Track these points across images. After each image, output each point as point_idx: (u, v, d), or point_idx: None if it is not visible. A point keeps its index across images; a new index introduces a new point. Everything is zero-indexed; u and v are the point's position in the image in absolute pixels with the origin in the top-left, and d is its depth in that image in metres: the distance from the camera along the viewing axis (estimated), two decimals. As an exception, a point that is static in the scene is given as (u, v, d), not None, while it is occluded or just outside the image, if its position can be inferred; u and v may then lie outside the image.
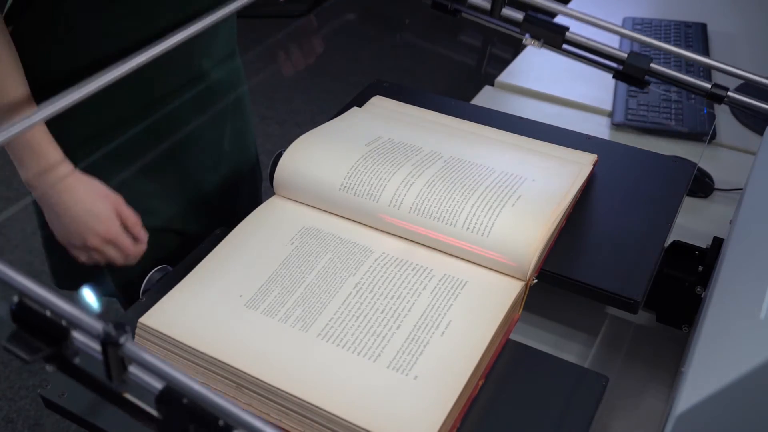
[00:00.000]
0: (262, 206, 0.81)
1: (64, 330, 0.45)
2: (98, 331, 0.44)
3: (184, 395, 0.42)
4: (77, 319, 0.45)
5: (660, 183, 0.85)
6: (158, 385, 0.43)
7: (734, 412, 0.47)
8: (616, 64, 0.90)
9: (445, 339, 0.65)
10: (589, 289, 0.73)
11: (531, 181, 0.80)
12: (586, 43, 0.91)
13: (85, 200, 0.80)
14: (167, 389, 0.42)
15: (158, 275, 0.76)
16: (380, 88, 1.01)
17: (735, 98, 0.85)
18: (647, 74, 0.88)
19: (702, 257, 0.79)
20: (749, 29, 1.50)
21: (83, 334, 0.45)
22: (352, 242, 0.75)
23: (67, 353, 0.45)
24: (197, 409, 0.41)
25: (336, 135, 0.87)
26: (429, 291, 0.69)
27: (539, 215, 0.74)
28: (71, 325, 0.45)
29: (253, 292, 0.69)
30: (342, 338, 0.65)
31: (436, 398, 0.60)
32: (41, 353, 0.44)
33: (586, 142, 0.91)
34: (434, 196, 0.76)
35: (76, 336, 0.45)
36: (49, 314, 0.45)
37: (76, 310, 0.45)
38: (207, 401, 0.42)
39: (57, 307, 0.45)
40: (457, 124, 0.92)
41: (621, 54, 0.89)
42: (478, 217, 0.74)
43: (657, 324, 0.82)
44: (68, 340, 0.45)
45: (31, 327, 0.45)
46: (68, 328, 0.45)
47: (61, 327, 0.45)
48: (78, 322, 0.45)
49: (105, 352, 0.44)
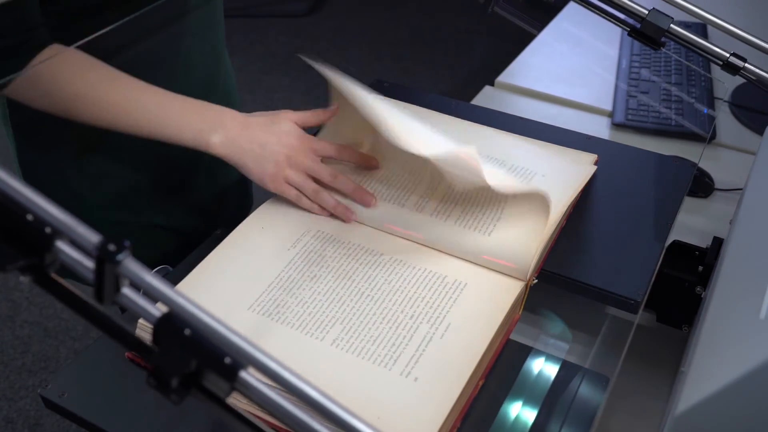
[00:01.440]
0: (263, 206, 0.81)
1: (48, 238, 0.37)
2: (93, 243, 0.37)
3: (186, 325, 0.36)
4: (67, 227, 0.38)
5: (660, 183, 0.85)
6: (156, 312, 0.37)
7: (734, 412, 0.47)
8: (635, 21, 0.84)
9: (445, 339, 0.65)
10: (589, 289, 0.73)
11: (541, 177, 0.80)
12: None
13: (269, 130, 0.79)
14: (167, 316, 0.37)
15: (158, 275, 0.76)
16: (380, 88, 1.01)
17: (751, 70, 0.82)
18: (665, 35, 0.83)
19: (702, 257, 0.79)
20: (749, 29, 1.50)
21: (71, 246, 0.38)
22: (353, 243, 0.75)
23: (49, 265, 0.38)
24: (201, 342, 0.35)
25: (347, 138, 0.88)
26: (429, 292, 0.69)
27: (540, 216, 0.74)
28: (57, 233, 0.38)
29: (251, 292, 0.69)
30: (342, 339, 0.65)
31: (436, 398, 0.60)
32: (17, 263, 0.37)
33: (586, 142, 0.91)
34: (459, 205, 0.77)
35: (61, 247, 0.38)
36: (30, 218, 0.38)
37: (66, 217, 0.38)
38: (213, 333, 0.36)
39: (42, 210, 0.38)
40: (458, 124, 0.92)
41: (642, 10, 0.83)
42: (482, 218, 0.75)
43: (657, 324, 0.82)
44: (52, 251, 0.38)
45: (9, 232, 0.37)
46: (52, 236, 0.38)
47: (44, 234, 0.37)
48: (68, 231, 0.38)
49: (99, 268, 0.37)
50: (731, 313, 0.54)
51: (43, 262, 0.38)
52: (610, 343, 0.81)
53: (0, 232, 0.37)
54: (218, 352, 0.35)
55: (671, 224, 0.79)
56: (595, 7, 0.85)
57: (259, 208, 0.80)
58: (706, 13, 0.85)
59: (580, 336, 0.82)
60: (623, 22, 0.85)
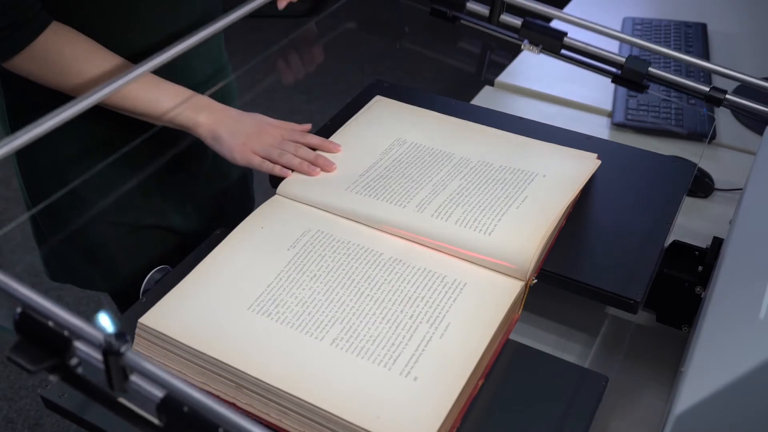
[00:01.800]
0: (262, 206, 0.81)
1: (67, 340, 0.46)
2: (99, 340, 0.44)
3: (184, 403, 0.43)
4: (78, 329, 0.45)
5: (660, 183, 0.85)
6: (159, 394, 0.44)
7: (734, 412, 0.47)
8: (615, 68, 0.90)
9: (445, 339, 0.65)
10: (589, 289, 0.73)
11: (542, 177, 0.81)
12: (585, 47, 0.91)
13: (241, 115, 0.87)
14: (168, 397, 0.43)
15: (158, 275, 0.76)
16: (380, 88, 1.01)
17: (733, 101, 0.85)
18: (646, 78, 0.88)
19: (702, 257, 0.79)
20: (749, 29, 1.50)
21: (85, 344, 0.46)
22: (353, 243, 0.75)
23: (70, 363, 0.46)
24: (198, 417, 0.42)
25: (349, 141, 0.89)
26: (429, 291, 0.69)
27: (540, 217, 0.75)
28: (73, 335, 0.46)
29: (251, 292, 0.69)
30: (341, 338, 0.65)
31: (436, 398, 0.60)
32: (44, 364, 0.45)
33: (586, 142, 0.91)
34: (460, 206, 0.78)
35: (78, 346, 0.46)
36: (51, 325, 0.46)
37: (77, 320, 0.46)
38: (207, 409, 0.43)
39: (59, 317, 0.46)
40: (458, 124, 0.92)
41: (619, 58, 0.89)
42: (483, 219, 0.75)
43: (657, 324, 0.82)
44: (70, 350, 0.46)
45: (34, 337, 0.46)
46: (70, 338, 0.46)
47: (63, 337, 0.46)
48: (79, 332, 0.46)
49: (106, 361, 0.44)
50: (731, 313, 0.54)
51: (65, 361, 0.45)
52: (610, 343, 0.82)
53: (27, 337, 0.46)
54: (212, 424, 0.42)
55: (671, 224, 0.79)
56: (578, 61, 0.91)
57: (259, 208, 0.80)
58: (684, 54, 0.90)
59: (580, 336, 0.82)
60: (606, 70, 0.90)
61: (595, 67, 0.91)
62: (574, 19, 0.91)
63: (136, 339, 0.67)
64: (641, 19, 1.49)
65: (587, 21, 0.90)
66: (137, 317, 0.66)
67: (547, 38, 0.91)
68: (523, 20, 0.93)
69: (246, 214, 0.79)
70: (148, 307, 0.68)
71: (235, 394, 0.62)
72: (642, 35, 1.43)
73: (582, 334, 0.82)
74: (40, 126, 0.64)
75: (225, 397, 0.63)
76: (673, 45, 1.39)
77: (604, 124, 1.22)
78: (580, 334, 0.82)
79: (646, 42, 0.91)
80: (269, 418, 0.61)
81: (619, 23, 1.49)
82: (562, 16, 0.92)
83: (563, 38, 0.91)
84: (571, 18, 0.91)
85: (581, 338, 0.82)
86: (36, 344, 0.45)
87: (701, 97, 0.87)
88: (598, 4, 1.57)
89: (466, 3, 0.96)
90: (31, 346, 0.45)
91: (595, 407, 0.63)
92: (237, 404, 0.62)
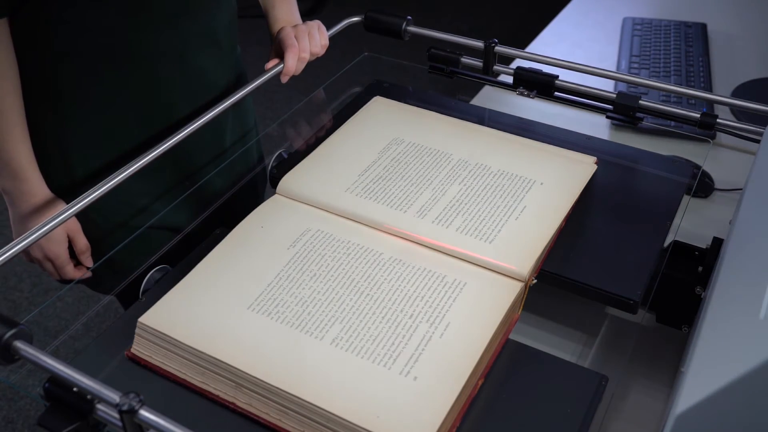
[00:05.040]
0: (262, 205, 0.81)
1: (90, 403, 0.52)
2: (116, 400, 0.51)
3: None
4: (97, 391, 0.52)
5: (660, 183, 0.85)
6: None
7: (734, 412, 0.47)
8: (607, 104, 0.93)
9: (444, 339, 0.65)
10: (589, 290, 0.73)
11: (539, 185, 0.81)
12: (576, 88, 0.95)
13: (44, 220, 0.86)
14: None
15: (158, 275, 0.76)
16: (380, 88, 1.01)
17: (725, 124, 0.90)
18: (637, 111, 0.92)
19: (702, 257, 0.79)
20: (749, 29, 1.50)
21: (105, 405, 0.52)
22: (353, 242, 0.75)
23: (93, 424, 0.53)
24: None
25: (348, 143, 0.89)
26: (429, 291, 0.69)
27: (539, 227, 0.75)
28: (94, 397, 0.52)
29: (251, 292, 0.69)
30: (341, 338, 0.65)
31: (435, 398, 0.60)
32: (71, 427, 0.52)
33: (586, 142, 0.92)
34: (460, 215, 0.78)
35: (100, 408, 0.53)
36: (76, 390, 0.53)
37: (95, 384, 0.52)
38: None
39: (82, 382, 0.53)
40: (457, 125, 0.92)
41: (611, 95, 0.93)
42: (483, 228, 0.75)
43: (657, 324, 0.82)
44: (93, 412, 0.52)
45: (63, 403, 0.53)
46: (93, 401, 0.52)
47: (87, 401, 0.52)
48: (98, 393, 0.52)
49: (122, 419, 0.50)
50: (731, 313, 0.54)
51: (89, 422, 0.53)
52: (610, 343, 0.82)
53: (55, 403, 0.53)
54: None
55: (671, 224, 0.79)
56: (570, 101, 0.95)
57: (259, 208, 0.80)
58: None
59: (580, 336, 0.82)
60: (599, 107, 0.94)
61: (587, 106, 0.95)
62: (564, 63, 0.96)
63: (136, 339, 0.67)
64: (641, 19, 1.49)
65: (577, 63, 0.95)
66: (137, 317, 0.67)
67: (539, 84, 0.95)
68: (515, 69, 0.97)
69: (247, 213, 0.79)
70: (148, 306, 0.68)
71: (235, 394, 0.62)
72: (642, 35, 1.43)
73: (582, 334, 0.82)
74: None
75: (225, 396, 0.63)
76: (673, 45, 1.39)
77: (604, 124, 1.22)
78: (580, 334, 0.82)
79: (635, 77, 0.97)
80: (269, 418, 0.61)
81: (619, 23, 1.49)
82: (552, 62, 0.97)
83: (554, 81, 0.95)
84: (562, 63, 0.96)
85: (581, 338, 0.82)
86: (64, 410, 0.53)
87: (693, 123, 0.91)
88: (598, 5, 1.57)
89: (461, 59, 1.02)
90: (57, 412, 0.53)
91: (595, 407, 0.63)
92: (237, 404, 0.62)
